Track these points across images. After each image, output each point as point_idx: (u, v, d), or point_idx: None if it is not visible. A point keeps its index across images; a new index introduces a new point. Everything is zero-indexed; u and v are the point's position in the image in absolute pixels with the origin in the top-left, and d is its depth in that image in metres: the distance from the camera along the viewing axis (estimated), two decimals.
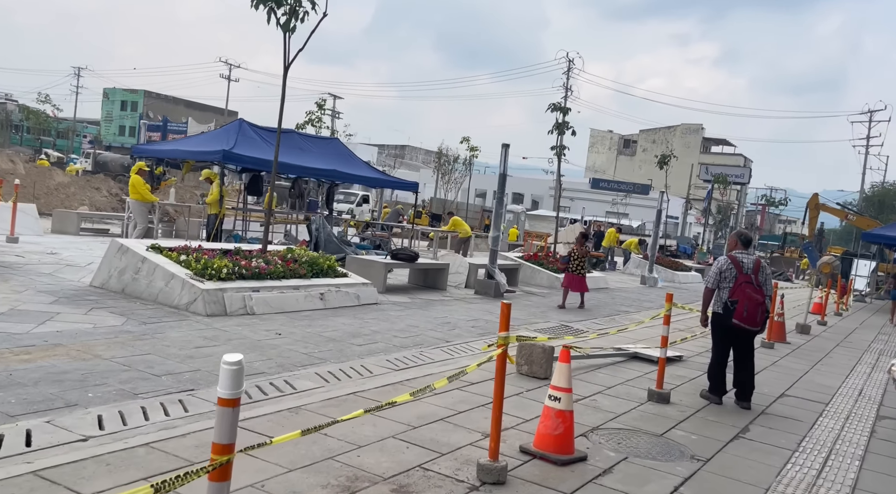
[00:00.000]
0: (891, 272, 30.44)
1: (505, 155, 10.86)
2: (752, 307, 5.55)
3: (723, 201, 74.90)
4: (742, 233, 5.97)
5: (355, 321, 7.39)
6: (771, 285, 5.84)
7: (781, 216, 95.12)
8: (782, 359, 8.71)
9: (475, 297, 10.97)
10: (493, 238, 11.17)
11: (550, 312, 10.56)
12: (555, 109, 14.62)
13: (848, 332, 12.87)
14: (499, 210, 11.09)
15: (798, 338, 10.96)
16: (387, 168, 66.31)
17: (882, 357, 9.95)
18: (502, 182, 10.98)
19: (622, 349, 7.52)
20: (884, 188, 55.64)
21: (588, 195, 62.52)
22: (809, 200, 34.07)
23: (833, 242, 57.67)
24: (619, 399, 5.53)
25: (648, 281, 18.14)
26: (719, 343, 5.88)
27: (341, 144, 14.20)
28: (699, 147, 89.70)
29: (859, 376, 8.12)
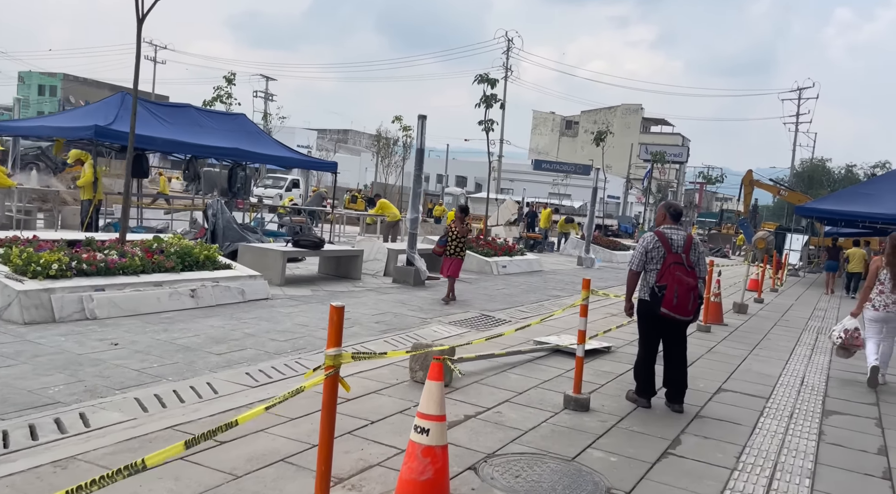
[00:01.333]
0: (822, 246, 31.02)
1: (422, 128, 9.80)
2: (684, 293, 4.68)
3: (662, 180, 76.04)
4: (671, 204, 5.07)
5: (229, 323, 6.24)
6: (705, 264, 4.99)
7: (718, 194, 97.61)
8: (719, 344, 8.01)
9: (392, 287, 9.92)
10: (412, 220, 10.12)
11: (475, 301, 9.62)
12: (482, 81, 13.61)
13: (785, 309, 12.44)
14: (417, 189, 10.03)
15: (735, 318, 10.36)
16: (326, 152, 64.34)
17: (821, 337, 9.42)
18: (419, 158, 9.92)
19: (542, 342, 6.62)
20: (813, 164, 57.22)
21: (530, 177, 62.17)
22: (744, 177, 34.33)
23: (767, 217, 59.13)
24: (530, 409, 4.59)
25: (585, 262, 17.48)
26: (647, 336, 5.01)
27: (248, 120, 12.85)
28: (639, 127, 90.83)
29: (800, 359, 7.48)
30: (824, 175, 53.73)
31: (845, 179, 51.07)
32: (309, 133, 76.11)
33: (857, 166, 53.60)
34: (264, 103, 51.27)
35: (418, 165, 9.92)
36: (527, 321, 8.05)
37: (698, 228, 57.45)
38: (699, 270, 4.90)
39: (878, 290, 6.55)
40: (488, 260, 13.04)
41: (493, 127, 13.81)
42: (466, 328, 7.35)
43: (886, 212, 18.68)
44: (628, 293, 5.07)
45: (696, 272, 4.81)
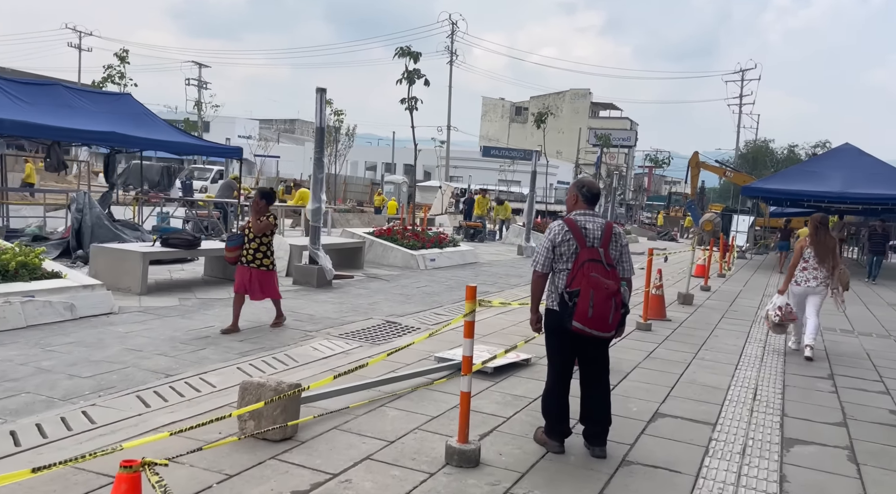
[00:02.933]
0: (768, 226, 30.87)
1: (321, 102, 8.42)
2: (602, 301, 3.48)
3: (612, 165, 76.16)
4: (585, 183, 3.86)
5: (27, 352, 4.80)
6: (630, 262, 3.80)
7: (667, 178, 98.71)
8: (660, 346, 6.93)
9: (290, 289, 8.54)
10: (314, 211, 8.74)
11: (386, 303, 8.33)
12: (402, 55, 12.26)
13: (733, 296, 11.57)
14: (317, 174, 8.65)
15: (680, 311, 9.37)
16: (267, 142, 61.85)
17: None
18: (319, 138, 8.55)
19: (445, 358, 5.38)
20: (757, 145, 57.88)
21: (479, 164, 61.15)
22: (690, 159, 33.92)
23: (714, 199, 59.63)
24: (396, 471, 3.33)
25: (526, 251, 16.39)
26: (557, 358, 3.81)
27: (133, 101, 11.22)
28: (588, 112, 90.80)
29: (750, 362, 6.46)
30: (768, 156, 54.36)
31: (788, 159, 51.64)
32: (250, 123, 73.31)
33: (798, 147, 54.42)
34: (198, 92, 48.68)
35: (318, 146, 8.54)
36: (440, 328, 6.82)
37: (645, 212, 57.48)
38: (623, 268, 3.72)
39: (801, 267, 6.98)
40: (414, 254, 11.77)
41: (417, 106, 12.50)
42: (359, 342, 6.05)
43: (831, 190, 18.16)
44: (533, 303, 3.86)
45: (617, 272, 3.62)
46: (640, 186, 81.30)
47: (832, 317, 9.88)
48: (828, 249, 6.87)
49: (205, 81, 48.93)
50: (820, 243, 6.88)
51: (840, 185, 18.21)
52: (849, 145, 20.11)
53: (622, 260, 3.72)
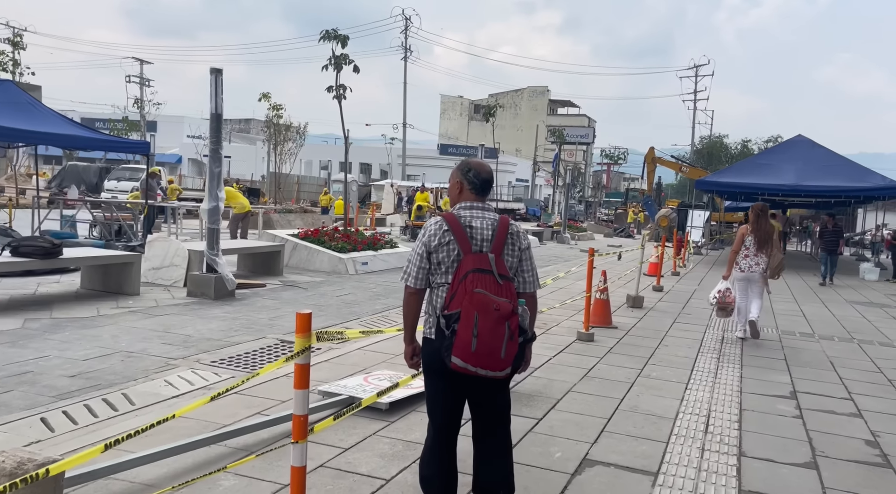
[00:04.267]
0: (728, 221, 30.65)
1: (216, 84, 7.29)
2: (491, 327, 2.47)
3: (571, 162, 76.06)
4: (471, 165, 2.83)
5: None
6: (533, 271, 2.80)
7: (626, 174, 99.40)
8: (601, 361, 6.02)
9: (182, 302, 7.37)
10: (210, 211, 7.58)
11: (292, 317, 7.23)
12: (328, 39, 11.15)
13: (686, 297, 10.81)
14: (214, 168, 7.50)
15: (629, 316, 8.51)
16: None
17: (728, 335, 7.68)
18: (215, 126, 7.41)
19: (331, 392, 4.33)
20: (711, 140, 58.31)
21: (437, 162, 60.17)
22: (646, 154, 33.58)
23: (672, 195, 59.90)
24: None
25: None
26: (437, 406, 2.79)
27: (15, 89, 9.85)
28: (546, 109, 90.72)
29: (704, 379, 5.59)
30: (723, 151, 54.76)
31: (741, 154, 52.02)
32: (201, 122, 70.89)
33: (752, 141, 54.97)
34: (140, 89, 46.49)
35: (214, 135, 7.40)
36: (340, 350, 5.78)
37: (603, 208, 57.35)
38: (522, 281, 2.74)
39: (743, 254, 7.32)
40: (342, 257, 10.68)
41: (346, 95, 11.41)
42: (233, 372, 4.96)
43: (785, 183, 17.72)
44: (407, 330, 2.84)
45: (513, 287, 2.63)
46: (599, 183, 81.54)
47: (792, 318, 9.16)
48: (767, 235, 7.26)
49: (147, 78, 46.73)
50: (760, 229, 7.25)
51: (794, 177, 17.79)
52: (802, 137, 19.75)
53: (522, 270, 2.74)
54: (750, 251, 7.29)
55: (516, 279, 2.70)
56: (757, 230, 7.24)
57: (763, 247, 7.24)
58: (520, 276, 2.73)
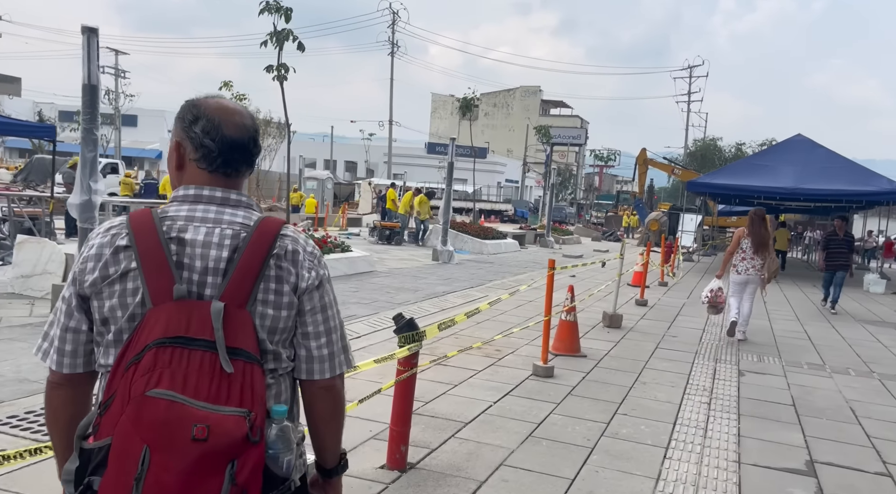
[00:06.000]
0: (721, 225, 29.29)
1: (89, 48, 5.81)
2: (176, 486, 1.04)
3: (562, 163, 74.83)
4: (203, 110, 1.31)
5: None
6: (330, 339, 1.34)
7: (619, 177, 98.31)
8: (557, 410, 4.59)
9: (40, 322, 5.91)
10: (80, 206, 6.07)
11: None
12: (270, 11, 9.68)
13: (674, 313, 9.41)
14: (87, 154, 5.99)
15: (602, 340, 7.09)
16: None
17: (721, 367, 6.27)
18: (89, 99, 5.93)
19: None
20: (705, 143, 57.14)
21: (425, 161, 58.76)
22: (638, 156, 32.28)
23: (664, 199, 58.70)
24: None
25: (441, 256, 14.01)
26: None
27: None
28: (538, 110, 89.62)
29: (688, 443, 4.16)
30: (716, 154, 53.54)
31: (735, 157, 50.72)
32: None
33: (746, 144, 53.73)
34: (115, 81, 44.77)
35: (87, 110, 5.90)
36: None
37: (593, 210, 56.04)
38: (304, 358, 1.31)
39: (740, 257, 7.51)
40: None
41: (287, 75, 9.96)
42: (29, 438, 3.49)
43: (783, 186, 16.37)
44: (58, 456, 1.37)
45: (260, 377, 1.18)
46: (591, 185, 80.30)
47: (796, 344, 7.75)
48: (763, 239, 7.44)
49: (122, 69, 45.04)
50: (755, 233, 7.43)
51: (792, 180, 16.43)
52: (801, 137, 18.41)
53: (303, 335, 1.31)
54: (746, 254, 7.47)
55: (283, 356, 1.27)
56: (753, 234, 7.42)
57: (758, 250, 7.44)
58: (297, 348, 1.30)
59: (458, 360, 5.63)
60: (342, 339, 1.35)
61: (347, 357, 1.36)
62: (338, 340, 1.33)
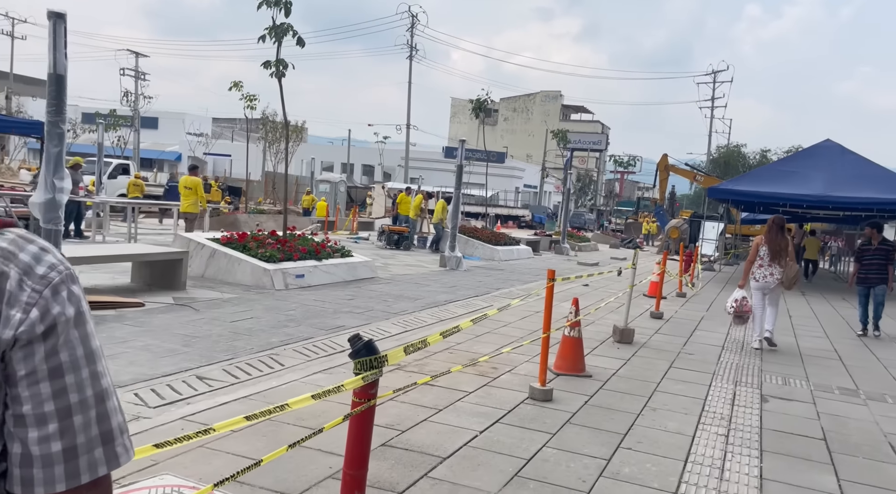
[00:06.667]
0: (744, 234, 28.36)
1: (55, 35, 5.41)
2: None
3: (582, 169, 73.96)
4: None
5: None
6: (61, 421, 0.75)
7: (640, 183, 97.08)
8: (552, 442, 4.03)
9: None
10: (43, 205, 5.66)
11: (133, 355, 5.31)
12: (267, 4, 9.27)
13: (692, 327, 8.77)
14: (52, 149, 5.56)
15: (611, 357, 6.50)
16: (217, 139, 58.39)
17: (742, 391, 5.65)
18: (55, 89, 5.53)
19: None
20: (729, 149, 55.94)
21: (442, 165, 58.31)
22: (659, 161, 31.50)
23: (686, 206, 57.55)
24: None
25: (449, 262, 13.48)
26: None
27: None
28: (558, 115, 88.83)
29: (701, 487, 3.58)
30: (740, 160, 52.35)
31: (760, 164, 49.59)
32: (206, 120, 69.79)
33: (771, 151, 52.46)
34: (135, 83, 45.06)
35: (53, 101, 5.50)
36: (155, 418, 3.84)
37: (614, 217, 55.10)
38: (19, 458, 0.77)
39: (758, 264, 7.52)
40: (268, 268, 8.74)
41: (285, 72, 9.53)
42: None
43: (811, 193, 15.59)
44: None
45: None
46: (612, 191, 79.25)
47: (825, 364, 7.08)
48: (780, 248, 7.43)
49: (142, 71, 45.30)
50: (773, 241, 7.44)
51: (821, 187, 15.65)
52: (830, 142, 17.60)
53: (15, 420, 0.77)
54: (764, 261, 7.46)
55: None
56: (770, 242, 7.43)
57: (776, 258, 7.42)
58: (9, 441, 0.78)
59: (447, 379, 5.10)
60: (98, 422, 0.82)
61: (107, 453, 0.83)
62: (86, 425, 0.80)
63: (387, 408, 4.33)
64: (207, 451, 3.38)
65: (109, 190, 22.51)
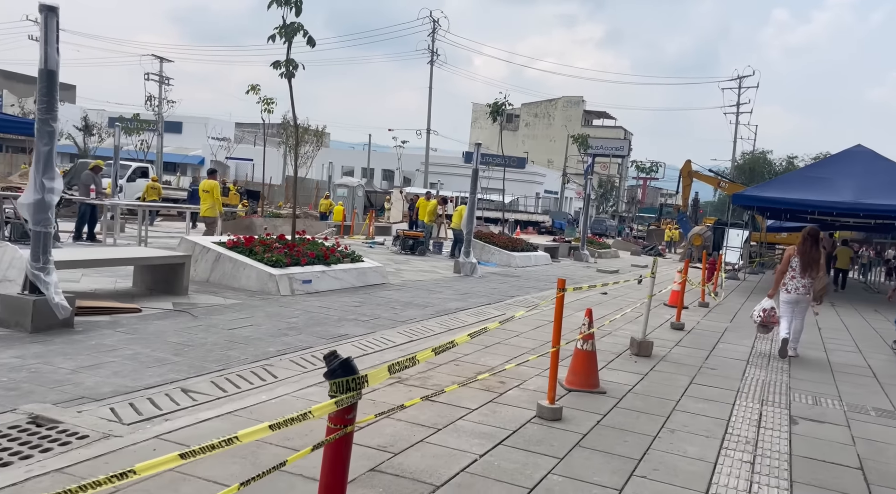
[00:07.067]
0: (770, 242, 27.56)
1: (46, 28, 5.22)
2: None
3: (604, 175, 73.19)
4: None
5: None
6: None
7: (663, 190, 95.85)
8: (557, 468, 3.68)
9: None
10: (33, 206, 5.44)
11: (115, 366, 5.07)
12: (278, 4, 9.06)
13: (714, 339, 8.33)
14: (42, 147, 5.36)
15: (627, 371, 6.12)
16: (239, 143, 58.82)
17: (769, 412, 5.24)
18: (46, 86, 5.32)
19: None
20: (754, 156, 54.85)
21: (462, 170, 58.02)
22: (682, 167, 30.90)
23: (710, 213, 56.53)
24: None
25: (464, 268, 13.16)
26: None
27: None
28: (580, 120, 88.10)
29: None
30: (766, 167, 51.29)
31: (787, 171, 48.53)
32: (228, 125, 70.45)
33: (798, 158, 51.30)
34: (159, 88, 45.50)
35: (43, 98, 5.30)
36: (127, 436, 3.57)
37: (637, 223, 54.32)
38: None
39: (790, 275, 7.42)
40: (273, 273, 8.50)
41: (295, 72, 9.30)
42: None
43: (841, 200, 15.00)
44: None
45: None
46: (634, 197, 78.26)
47: (858, 381, 6.60)
48: (812, 260, 7.27)
49: (166, 76, 45.76)
50: (805, 253, 7.28)
51: (851, 194, 15.05)
52: (861, 147, 16.96)
53: None
54: (796, 273, 7.33)
55: None
56: (802, 253, 7.28)
57: (806, 270, 7.31)
58: None
59: (450, 394, 4.77)
60: None
61: None
62: None
63: (381, 427, 4.02)
64: (177, 475, 3.10)
65: (128, 193, 22.58)
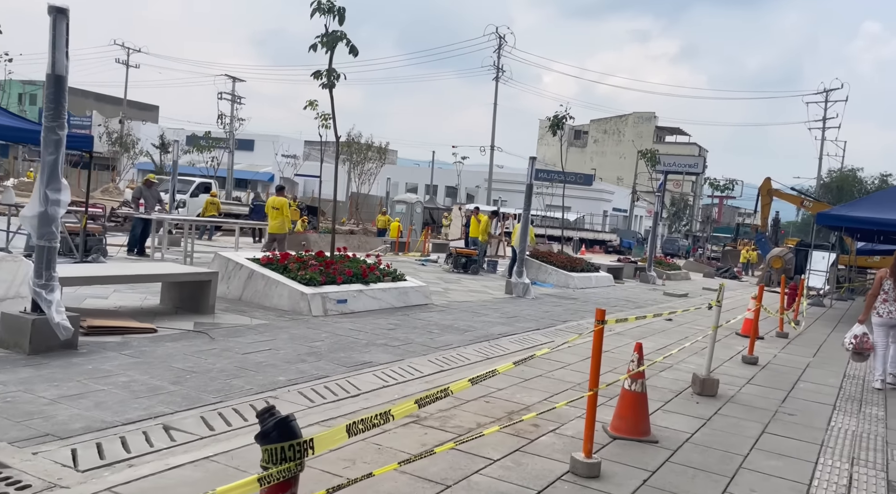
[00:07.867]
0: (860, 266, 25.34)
1: (55, 31, 4.97)
2: None
3: (677, 193, 70.54)
4: None
5: None
6: None
7: (741, 209, 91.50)
8: None
9: None
10: (37, 218, 5.17)
11: (103, 395, 4.67)
12: (320, 12, 8.75)
13: (794, 377, 7.28)
14: (48, 156, 5.09)
15: (685, 417, 5.26)
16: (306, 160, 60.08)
17: (861, 474, 4.29)
18: (54, 91, 5.05)
19: None
20: (842, 174, 51.24)
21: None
22: (761, 185, 29.01)
23: (792, 234, 53.18)
24: None
25: (516, 289, 12.43)
26: None
27: None
28: (652, 136, 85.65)
29: None
30: (855, 185, 47.77)
31: (879, 189, 45.06)
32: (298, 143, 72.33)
33: (892, 176, 47.53)
34: (231, 106, 47.05)
35: (50, 104, 5.04)
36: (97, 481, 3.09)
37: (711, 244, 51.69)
38: None
39: (881, 298, 7.06)
40: (305, 292, 8.06)
41: (336, 82, 8.94)
42: None
43: None
44: None
45: None
46: (708, 216, 74.98)
47: None
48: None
49: (238, 95, 47.29)
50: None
51: None
52: None
53: None
54: (889, 296, 7.06)
55: None
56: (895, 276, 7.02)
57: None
58: None
59: (472, 438, 4.10)
60: None
61: None
62: None
63: (379, 483, 3.40)
64: None
65: (191, 208, 23.08)
